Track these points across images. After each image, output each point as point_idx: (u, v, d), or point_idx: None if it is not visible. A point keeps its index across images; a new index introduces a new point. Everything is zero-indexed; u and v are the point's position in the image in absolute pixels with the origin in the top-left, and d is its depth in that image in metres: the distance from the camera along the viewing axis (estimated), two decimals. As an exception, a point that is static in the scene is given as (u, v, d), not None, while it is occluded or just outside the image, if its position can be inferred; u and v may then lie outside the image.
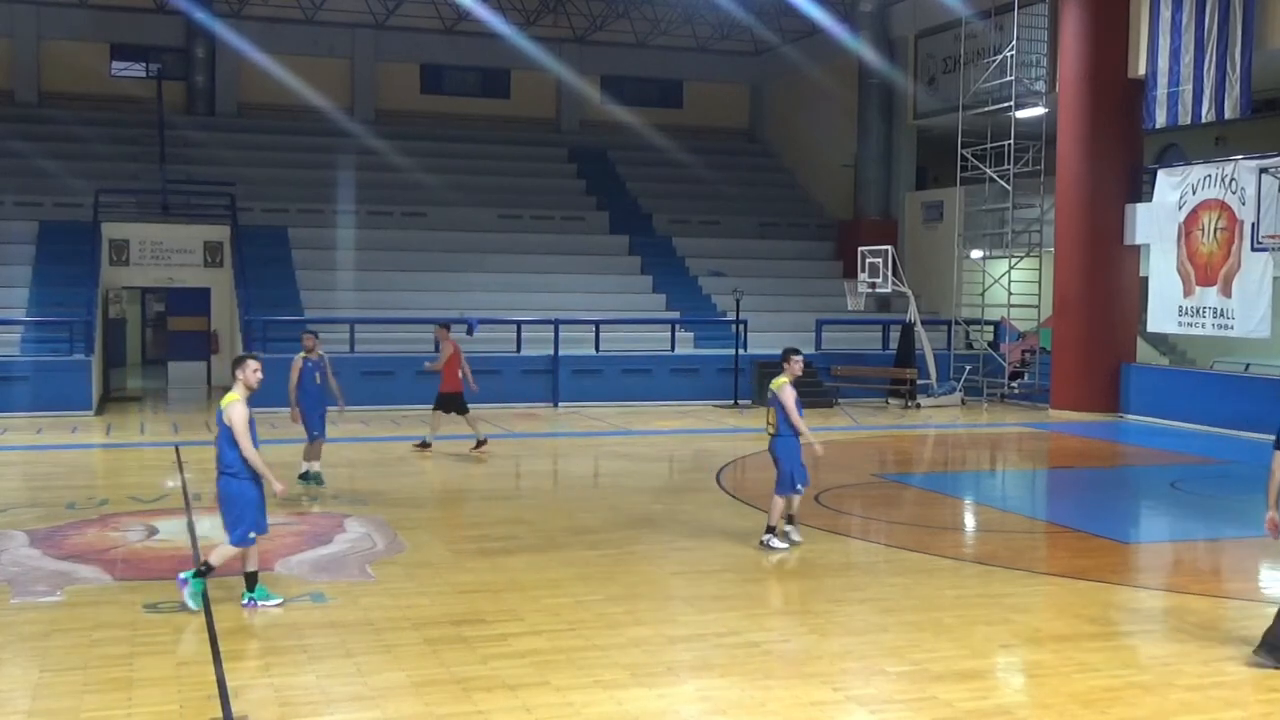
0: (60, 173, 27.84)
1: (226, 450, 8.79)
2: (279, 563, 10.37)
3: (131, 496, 13.65)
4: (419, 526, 12.17)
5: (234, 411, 8.70)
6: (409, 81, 34.68)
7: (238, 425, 8.69)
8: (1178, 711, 7.03)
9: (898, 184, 31.08)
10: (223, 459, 8.85)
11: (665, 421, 21.80)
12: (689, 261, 29.88)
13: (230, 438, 8.73)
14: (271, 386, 23.78)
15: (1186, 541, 12.79)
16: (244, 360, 8.99)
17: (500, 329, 24.68)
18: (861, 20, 30.33)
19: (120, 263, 26.70)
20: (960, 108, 26.35)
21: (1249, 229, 20.16)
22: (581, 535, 11.81)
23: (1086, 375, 23.21)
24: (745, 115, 37.68)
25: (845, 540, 12.02)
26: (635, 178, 33.66)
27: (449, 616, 8.77)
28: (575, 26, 34.47)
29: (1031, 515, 14.24)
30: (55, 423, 20.42)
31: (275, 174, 30.35)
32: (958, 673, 7.66)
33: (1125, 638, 8.87)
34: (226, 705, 6.90)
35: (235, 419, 8.68)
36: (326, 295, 25.85)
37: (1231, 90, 20.28)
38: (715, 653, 8.03)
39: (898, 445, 19.96)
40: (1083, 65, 22.98)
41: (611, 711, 6.94)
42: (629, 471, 16.39)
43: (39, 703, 6.97)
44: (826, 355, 25.89)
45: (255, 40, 32.14)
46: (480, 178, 31.58)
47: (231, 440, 8.73)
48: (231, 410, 8.71)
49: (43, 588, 9.49)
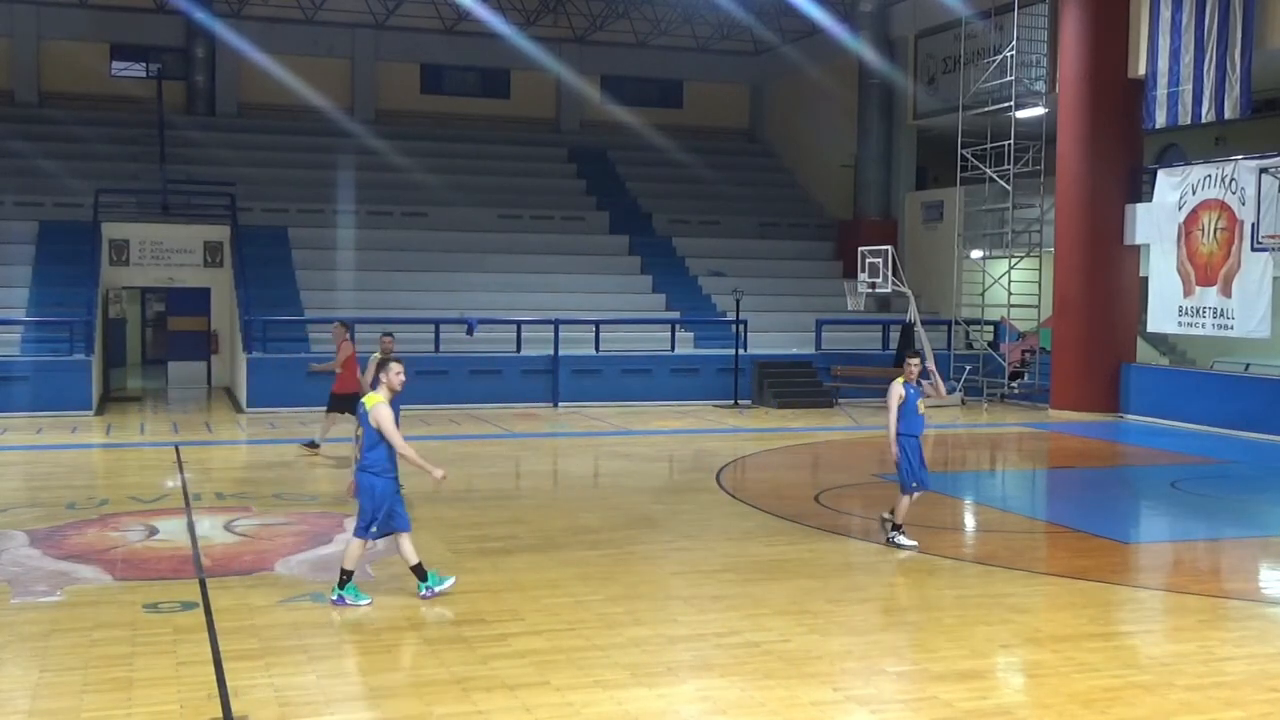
0: (60, 173, 27.85)
1: (370, 449, 9.03)
2: (279, 563, 10.37)
3: (131, 496, 13.64)
4: (419, 526, 12.10)
5: (380, 413, 8.95)
6: (409, 81, 34.69)
7: (386, 425, 8.93)
8: (1178, 711, 7.03)
9: (898, 184, 31.08)
10: (365, 457, 9.08)
11: (665, 421, 21.80)
12: (689, 261, 29.88)
13: (375, 438, 8.97)
14: (275, 386, 23.75)
15: (1186, 541, 12.79)
16: (388, 363, 9.31)
17: (500, 329, 24.69)
18: (861, 20, 30.33)
19: (120, 263, 26.71)
20: (960, 108, 26.35)
21: (1249, 229, 20.15)
22: (581, 535, 11.81)
23: (1086, 375, 23.21)
24: (745, 115, 37.68)
25: (845, 540, 12.02)
26: (635, 178, 33.66)
27: (449, 617, 8.77)
28: (575, 26, 34.47)
29: (1031, 515, 14.24)
30: (55, 423, 20.43)
31: (275, 174, 30.35)
32: (958, 673, 7.66)
33: (1125, 638, 8.87)
34: (226, 705, 6.90)
35: (383, 419, 8.93)
36: (326, 295, 25.84)
37: (1231, 90, 20.28)
38: (715, 653, 8.03)
39: (898, 445, 19.91)
40: (1083, 65, 22.97)
41: (611, 711, 6.94)
42: (629, 471, 16.39)
43: (39, 703, 6.97)
44: (826, 355, 25.90)
45: (255, 40, 32.15)
46: (480, 178, 31.58)
47: (375, 440, 8.97)
48: (378, 411, 8.94)
49: (43, 588, 9.49)
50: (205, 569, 10.17)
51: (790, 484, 15.52)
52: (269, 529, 11.86)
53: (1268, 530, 13.15)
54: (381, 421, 8.90)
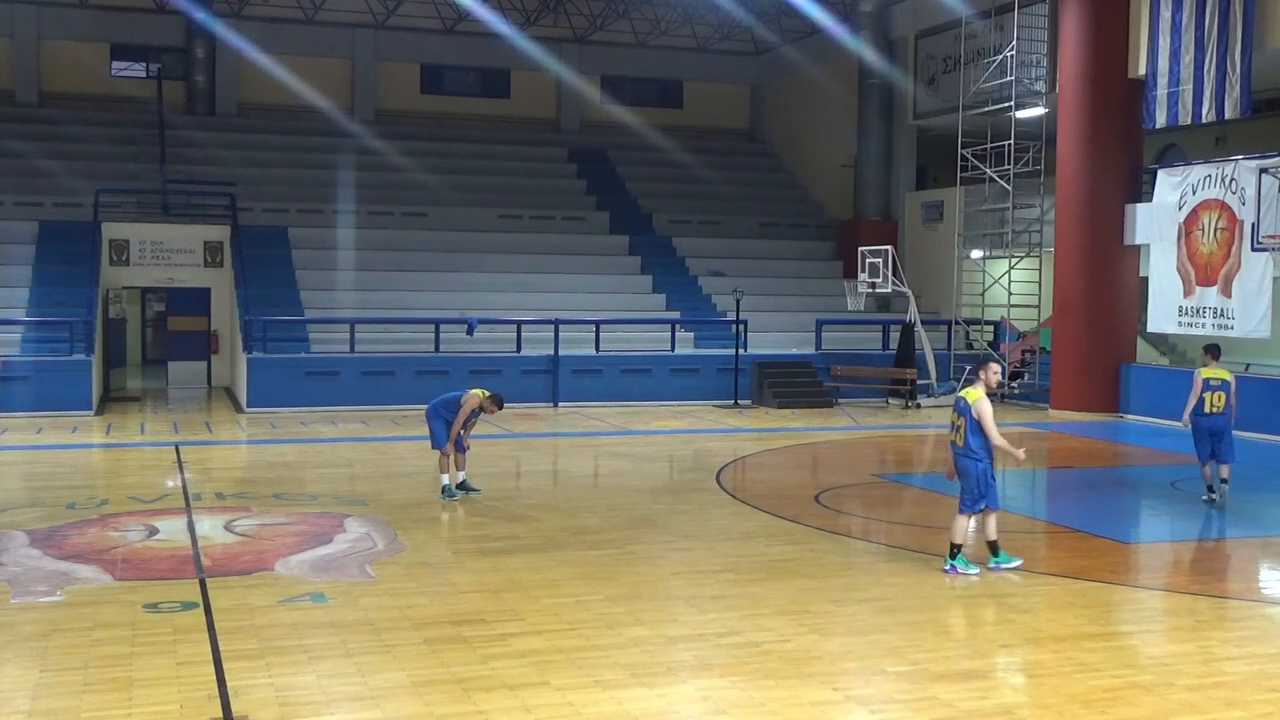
0: (60, 173, 27.87)
1: (971, 437, 10.19)
2: (279, 563, 10.36)
3: (131, 496, 13.64)
4: (419, 526, 12.17)
5: (983, 406, 10.16)
6: (409, 81, 34.70)
7: (987, 417, 10.10)
8: (1178, 711, 7.03)
9: (898, 184, 31.09)
10: (968, 444, 10.22)
11: (665, 421, 21.80)
12: (689, 261, 29.88)
13: (976, 427, 10.16)
14: (275, 386, 23.75)
15: (1186, 541, 12.79)
16: (987, 363, 10.59)
17: (500, 329, 24.70)
18: (861, 20, 30.32)
19: (120, 263, 26.72)
20: (960, 108, 26.35)
21: (1249, 229, 20.15)
22: (581, 535, 11.81)
23: (1086, 375, 23.21)
24: (745, 115, 37.68)
25: (845, 540, 12.03)
26: (635, 178, 33.66)
27: (449, 616, 8.77)
28: (575, 26, 34.47)
29: (1031, 515, 14.23)
30: (55, 423, 20.43)
31: (275, 174, 30.35)
32: (958, 673, 7.66)
33: (1125, 638, 8.87)
34: (226, 705, 6.89)
35: (985, 413, 10.12)
36: (326, 295, 25.86)
37: (1231, 90, 20.28)
38: (715, 653, 8.02)
39: (898, 445, 19.96)
40: (1083, 65, 22.97)
41: (611, 711, 6.94)
42: (629, 471, 16.38)
43: (39, 703, 6.97)
44: (826, 355, 25.90)
45: (255, 40, 32.17)
46: (480, 178, 31.59)
47: (976, 429, 10.16)
48: (980, 405, 10.16)
49: (43, 588, 9.49)
50: (205, 569, 10.17)
51: (790, 484, 15.52)
52: (269, 529, 11.85)
53: (1268, 530, 13.14)
54: (983, 414, 10.10)
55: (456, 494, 13.66)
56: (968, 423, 10.23)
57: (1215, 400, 13.86)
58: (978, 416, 10.15)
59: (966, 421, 10.24)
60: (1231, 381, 14.00)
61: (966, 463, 10.29)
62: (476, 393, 13.76)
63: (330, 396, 22.81)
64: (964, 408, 10.29)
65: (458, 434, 13.63)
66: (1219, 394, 13.85)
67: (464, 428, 13.71)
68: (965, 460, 10.31)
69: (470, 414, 13.68)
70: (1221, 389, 13.85)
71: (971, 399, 10.23)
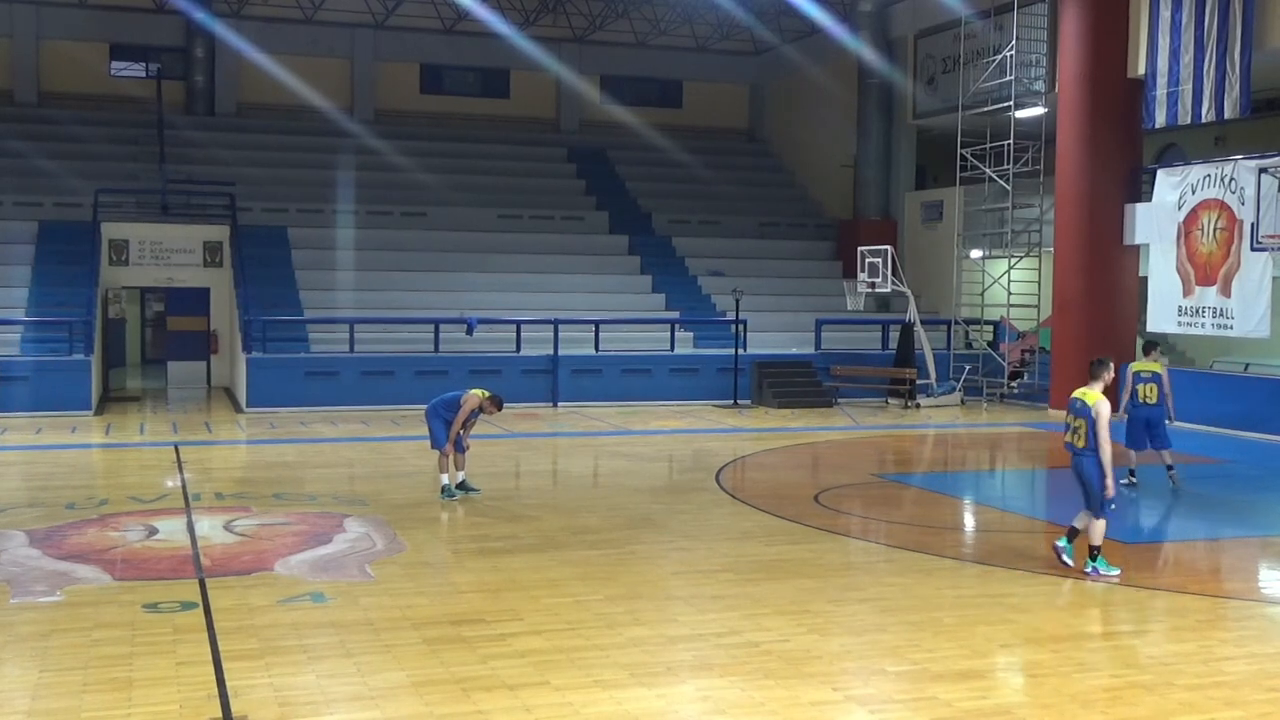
0: (60, 173, 27.86)
1: (1092, 438, 10.20)
2: (279, 563, 10.36)
3: (131, 496, 13.64)
4: (419, 526, 12.16)
5: (1102, 409, 10.25)
6: (409, 81, 34.70)
7: (1104, 424, 10.20)
8: (1178, 711, 7.03)
9: (897, 184, 31.08)
10: (1089, 445, 10.24)
11: (665, 421, 21.80)
12: (689, 261, 29.88)
13: (1095, 427, 10.20)
14: (275, 386, 23.75)
15: (1186, 541, 12.80)
16: (1106, 362, 10.79)
17: (500, 329, 24.70)
18: (861, 20, 30.32)
19: (120, 263, 26.72)
20: (960, 108, 26.35)
21: (1248, 229, 20.15)
22: (581, 535, 11.81)
23: (1086, 375, 23.13)
24: (745, 115, 37.68)
25: (845, 540, 12.02)
26: (635, 178, 33.66)
27: (449, 616, 8.77)
28: (575, 26, 34.47)
29: (1031, 515, 14.23)
30: (55, 423, 20.43)
31: (275, 174, 30.35)
32: (958, 673, 7.66)
33: (1125, 638, 8.88)
34: (226, 705, 6.89)
35: (1103, 417, 10.22)
36: (326, 295, 25.85)
37: (1231, 90, 20.28)
38: (715, 653, 8.02)
39: (897, 445, 19.95)
40: (1083, 65, 22.97)
41: (611, 711, 6.93)
42: (629, 471, 16.38)
43: (39, 703, 6.97)
44: (826, 355, 25.90)
45: (255, 40, 32.16)
46: (480, 178, 31.59)
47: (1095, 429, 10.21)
48: (1100, 408, 10.26)
49: (42, 588, 9.48)
50: (205, 569, 10.16)
51: (790, 484, 15.51)
52: (268, 529, 11.85)
53: (1268, 530, 13.14)
54: (1100, 418, 10.18)
55: (456, 494, 13.66)
56: (1088, 424, 10.26)
57: (1147, 392, 14.94)
58: (1096, 417, 10.21)
59: (1087, 423, 10.27)
60: (1163, 374, 15.08)
61: (1089, 463, 10.29)
62: (476, 393, 13.76)
63: (330, 396, 22.81)
64: (1082, 408, 10.35)
65: (457, 434, 13.63)
66: (1150, 385, 14.93)
67: (463, 428, 13.72)
68: (1087, 461, 10.30)
69: (470, 414, 13.69)
70: (1153, 380, 14.95)
71: (1091, 400, 10.32)
